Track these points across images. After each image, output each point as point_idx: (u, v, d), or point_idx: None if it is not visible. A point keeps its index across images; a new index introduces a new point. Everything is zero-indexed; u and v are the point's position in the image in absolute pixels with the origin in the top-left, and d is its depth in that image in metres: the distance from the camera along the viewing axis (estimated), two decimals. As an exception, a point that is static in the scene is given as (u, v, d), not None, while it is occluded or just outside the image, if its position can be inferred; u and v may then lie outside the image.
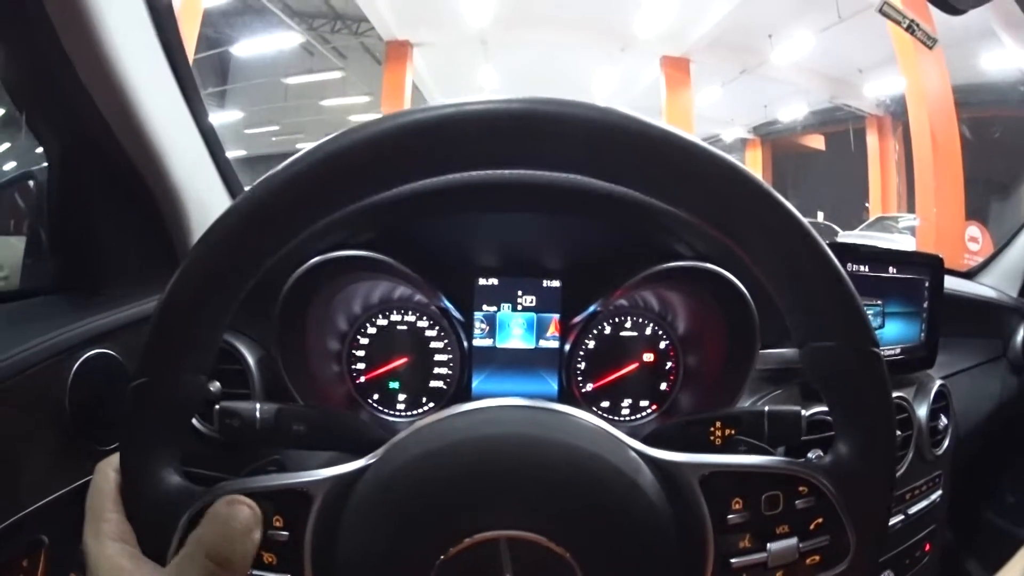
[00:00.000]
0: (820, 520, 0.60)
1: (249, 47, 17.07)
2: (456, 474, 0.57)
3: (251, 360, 1.11)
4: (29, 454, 0.90)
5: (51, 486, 0.91)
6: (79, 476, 0.68)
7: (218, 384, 1.10)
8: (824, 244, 0.57)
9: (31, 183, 1.21)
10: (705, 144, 0.56)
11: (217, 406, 0.77)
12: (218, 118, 18.07)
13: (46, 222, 1.17)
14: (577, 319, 1.23)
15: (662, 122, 0.55)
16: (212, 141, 1.29)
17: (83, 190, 1.12)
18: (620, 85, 18.65)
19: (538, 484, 0.57)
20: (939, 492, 1.47)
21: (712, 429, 0.85)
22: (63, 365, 0.94)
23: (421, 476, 0.57)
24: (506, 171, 1.05)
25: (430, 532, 0.55)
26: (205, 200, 1.22)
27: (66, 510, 0.87)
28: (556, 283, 1.24)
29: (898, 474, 1.31)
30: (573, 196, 1.08)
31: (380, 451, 0.61)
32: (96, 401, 0.96)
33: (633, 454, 0.61)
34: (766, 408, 0.83)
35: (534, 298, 1.24)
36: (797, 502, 0.60)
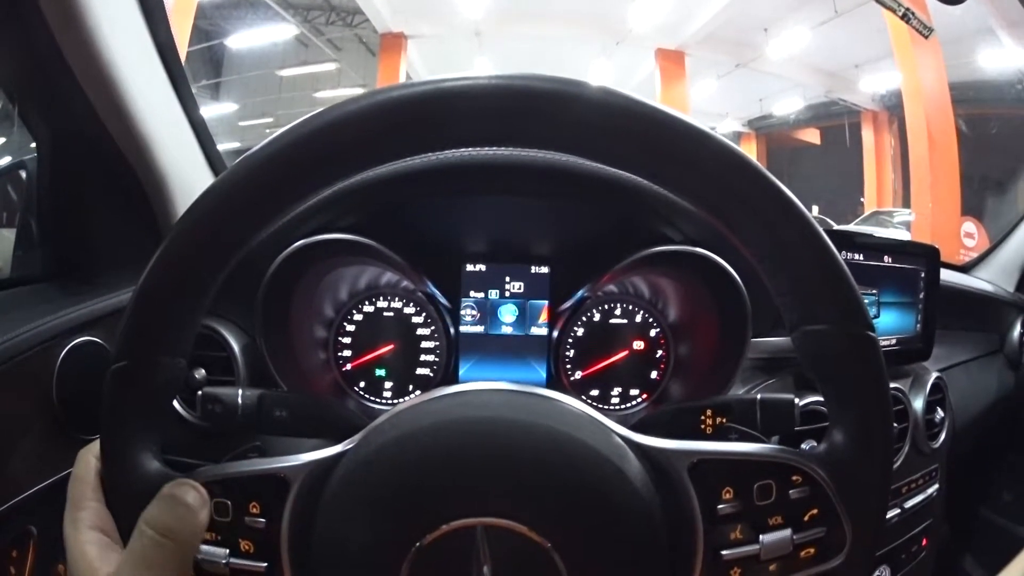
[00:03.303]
0: (815, 511, 0.58)
1: (243, 39, 17.12)
2: (434, 458, 0.56)
3: (236, 347, 1.10)
4: (17, 443, 0.90)
5: (39, 476, 0.91)
6: (67, 465, 0.67)
7: (203, 371, 1.09)
8: (816, 224, 0.55)
9: (22, 173, 1.21)
10: (695, 123, 0.54)
11: (200, 392, 0.77)
12: (212, 110, 18.17)
13: (36, 212, 1.17)
14: (566, 305, 1.22)
15: (654, 102, 0.53)
16: (202, 132, 1.30)
17: (73, 180, 1.14)
18: (615, 78, 18.69)
19: (518, 470, 0.55)
20: (936, 486, 1.46)
21: (703, 417, 0.85)
22: (50, 353, 0.94)
23: (398, 460, 0.56)
24: (493, 152, 1.04)
25: (407, 517, 0.54)
26: (193, 189, 1.20)
27: (54, 500, 0.86)
28: (545, 269, 1.23)
29: (894, 467, 1.30)
30: (561, 179, 1.07)
31: (358, 436, 0.60)
32: (83, 389, 0.96)
33: (619, 440, 0.59)
34: (759, 396, 0.82)
35: (522, 284, 1.23)
36: (791, 492, 0.58)
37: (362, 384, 1.23)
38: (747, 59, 16.54)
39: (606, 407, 1.24)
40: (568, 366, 1.24)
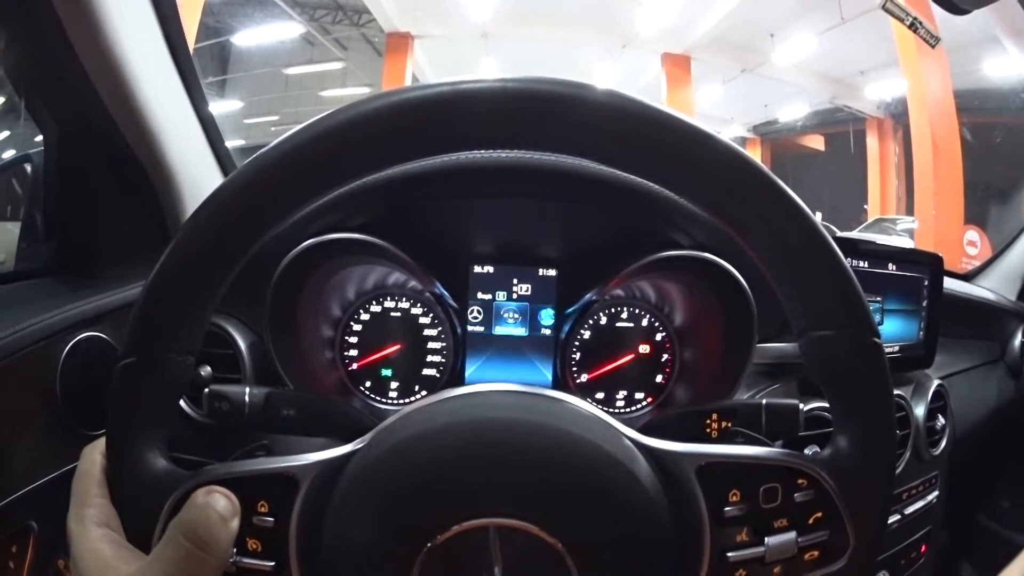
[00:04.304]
0: (819, 514, 0.59)
1: (250, 37, 17.04)
2: (444, 459, 0.56)
3: (243, 345, 1.10)
4: (18, 438, 0.89)
5: (41, 471, 0.91)
6: (69, 461, 0.68)
7: (209, 368, 1.08)
8: (825, 232, 0.56)
9: (28, 167, 1.21)
10: (707, 129, 0.54)
11: (206, 390, 0.77)
12: (218, 107, 18.07)
13: (42, 205, 1.17)
14: (572, 308, 1.21)
15: (666, 106, 0.54)
16: (210, 128, 1.29)
17: (80, 174, 1.13)
18: (621, 81, 18.62)
19: (529, 471, 0.55)
20: (936, 493, 1.46)
21: (708, 421, 0.85)
22: (54, 348, 0.93)
23: (409, 461, 0.56)
24: (503, 155, 1.04)
25: (418, 518, 0.54)
26: (202, 185, 1.21)
27: (55, 495, 0.86)
28: (552, 272, 1.22)
29: (895, 473, 1.30)
30: (571, 182, 1.07)
31: (368, 436, 0.60)
32: (87, 385, 0.96)
33: (628, 443, 0.60)
34: (764, 401, 0.82)
35: (530, 286, 1.23)
36: (796, 495, 0.59)
37: (368, 384, 1.23)
38: (753, 64, 16.51)
39: (611, 410, 1.24)
40: (574, 368, 1.24)
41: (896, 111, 17.06)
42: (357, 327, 1.23)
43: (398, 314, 1.24)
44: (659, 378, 1.25)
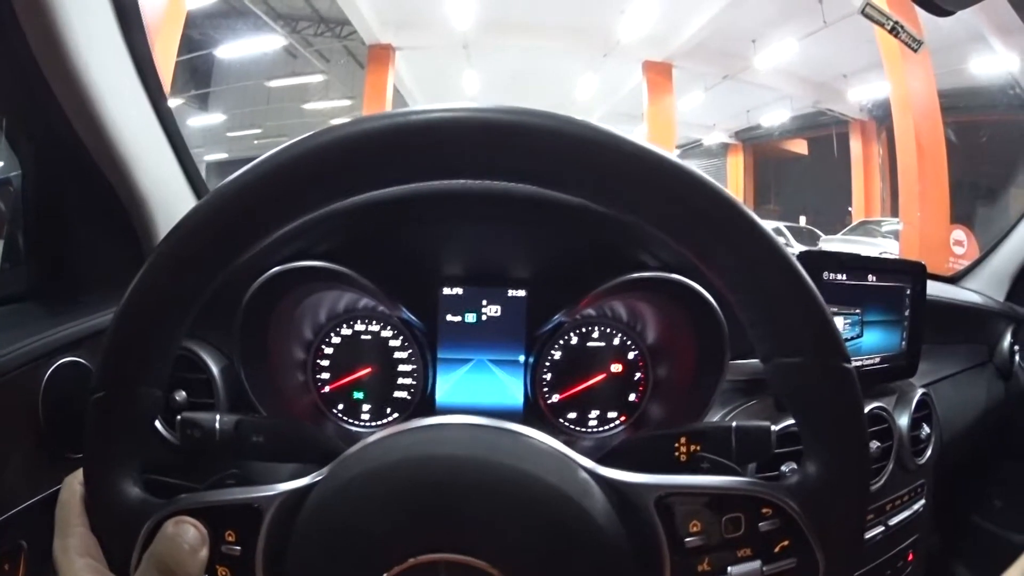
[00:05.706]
0: (785, 543, 0.58)
1: (233, 49, 17.14)
2: (397, 495, 0.56)
3: (215, 369, 1.10)
4: (5, 460, 0.92)
5: (29, 492, 0.94)
6: (57, 482, 0.69)
7: (184, 393, 1.10)
8: (789, 254, 0.55)
9: (10, 189, 1.20)
10: (668, 155, 0.54)
11: (179, 417, 0.77)
12: (201, 121, 18.23)
13: (22, 229, 1.18)
14: (543, 329, 1.21)
15: (629, 135, 0.54)
16: (181, 150, 1.30)
17: (57, 199, 1.15)
18: (602, 90, 18.81)
19: (480, 508, 0.56)
20: (922, 501, 1.46)
21: (677, 445, 0.83)
22: (36, 373, 0.96)
23: (364, 495, 0.57)
24: (472, 181, 1.04)
25: (371, 552, 0.55)
26: (173, 208, 1.22)
27: (44, 515, 0.87)
28: (522, 293, 1.22)
29: (879, 485, 1.31)
30: (539, 206, 1.07)
31: (327, 468, 0.61)
32: (68, 409, 0.97)
33: (584, 475, 0.59)
34: (733, 424, 0.81)
35: (499, 307, 1.23)
36: (760, 524, 0.58)
37: (340, 407, 1.23)
38: (735, 70, 16.63)
39: (584, 430, 1.24)
40: (545, 389, 1.24)
41: (879, 113, 17.19)
42: (329, 350, 1.24)
43: (369, 337, 1.24)
44: (632, 397, 1.24)
